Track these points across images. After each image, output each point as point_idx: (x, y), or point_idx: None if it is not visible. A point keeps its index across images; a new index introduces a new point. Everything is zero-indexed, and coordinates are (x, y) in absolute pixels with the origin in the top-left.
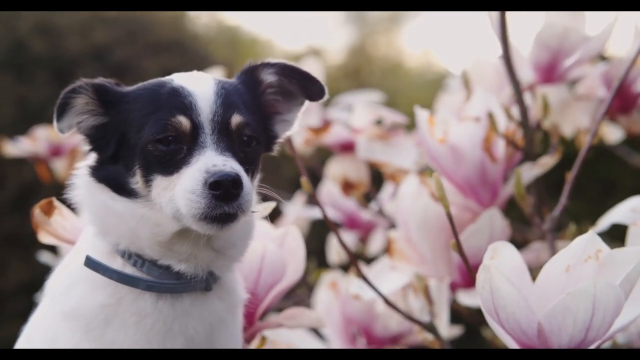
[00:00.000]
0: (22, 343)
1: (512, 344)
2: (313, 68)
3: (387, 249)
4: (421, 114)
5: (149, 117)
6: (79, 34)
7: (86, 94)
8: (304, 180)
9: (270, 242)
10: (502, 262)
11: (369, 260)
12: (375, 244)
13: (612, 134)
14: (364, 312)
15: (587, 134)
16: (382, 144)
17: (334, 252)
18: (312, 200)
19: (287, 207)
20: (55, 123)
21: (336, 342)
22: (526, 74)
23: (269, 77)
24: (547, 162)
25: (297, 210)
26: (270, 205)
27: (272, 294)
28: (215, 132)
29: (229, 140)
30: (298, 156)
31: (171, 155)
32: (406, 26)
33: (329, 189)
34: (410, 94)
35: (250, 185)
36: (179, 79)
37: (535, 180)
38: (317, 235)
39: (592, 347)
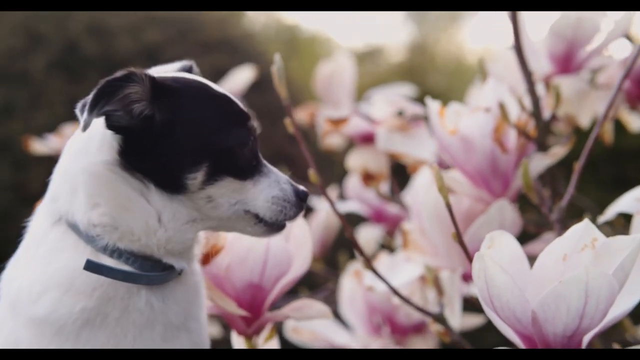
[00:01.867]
0: None
1: (509, 333)
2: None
3: (403, 241)
4: (432, 105)
5: (220, 120)
6: (130, 34)
7: (141, 82)
8: (312, 172)
9: None
10: (499, 252)
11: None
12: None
13: (634, 122)
14: (386, 301)
15: (608, 124)
16: (402, 135)
17: (363, 246)
18: (321, 192)
19: (319, 202)
20: (87, 114)
21: (360, 330)
22: (543, 64)
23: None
24: (558, 152)
25: (327, 205)
26: None
27: (279, 286)
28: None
29: None
30: (304, 147)
31: (249, 162)
32: (466, 23)
33: (354, 183)
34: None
35: None
36: (206, 82)
37: (548, 170)
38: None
39: (589, 335)
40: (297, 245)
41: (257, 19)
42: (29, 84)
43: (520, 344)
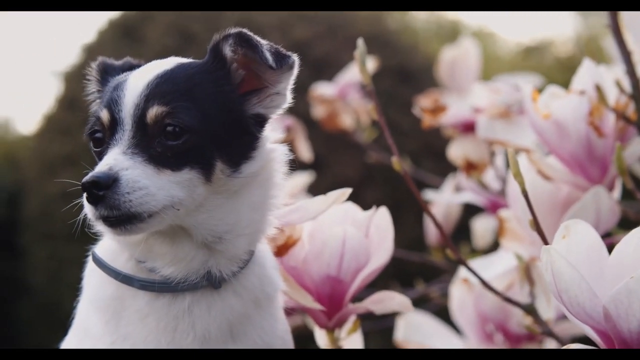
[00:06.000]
0: (70, 332)
1: (584, 327)
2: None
3: (499, 229)
4: (526, 89)
5: (95, 109)
6: (279, 31)
7: (94, 73)
8: (395, 159)
9: (352, 226)
10: (575, 241)
11: None
12: None
13: None
14: (498, 309)
15: None
16: (503, 123)
17: (479, 237)
18: (406, 180)
19: (438, 194)
20: None
21: (472, 338)
22: None
23: (228, 51)
24: None
25: (447, 196)
26: (344, 192)
27: (359, 278)
28: (133, 127)
29: (143, 135)
30: (389, 134)
31: (99, 154)
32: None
33: None
34: None
35: (147, 182)
36: (137, 70)
37: None
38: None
39: None
40: (378, 235)
41: (418, 15)
42: None
43: (596, 339)
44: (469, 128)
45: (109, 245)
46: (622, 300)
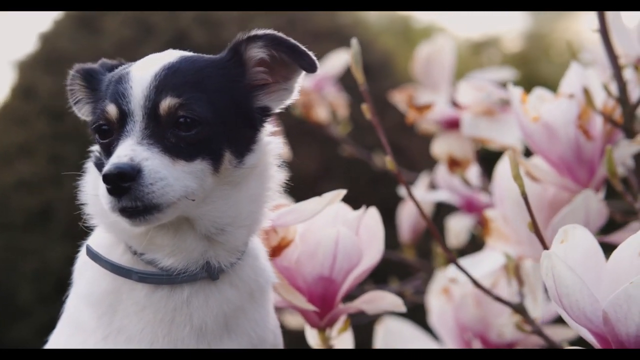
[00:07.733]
0: (59, 327)
1: (581, 331)
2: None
3: (484, 229)
4: (514, 91)
5: (99, 100)
6: (239, 24)
7: (77, 81)
8: (388, 158)
9: (344, 226)
10: (573, 246)
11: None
12: None
13: None
14: (478, 319)
15: None
16: (488, 120)
17: (453, 235)
18: (399, 179)
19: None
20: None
21: (451, 346)
22: (637, 47)
23: (256, 51)
24: None
25: (419, 194)
26: (339, 193)
27: (350, 278)
28: (145, 118)
29: (156, 126)
30: (382, 133)
31: (107, 146)
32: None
33: (444, 171)
34: None
35: (166, 172)
36: (138, 63)
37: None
38: (441, 218)
39: None
40: (369, 235)
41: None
42: None
43: (593, 342)
44: (451, 125)
45: (102, 239)
46: (621, 304)
